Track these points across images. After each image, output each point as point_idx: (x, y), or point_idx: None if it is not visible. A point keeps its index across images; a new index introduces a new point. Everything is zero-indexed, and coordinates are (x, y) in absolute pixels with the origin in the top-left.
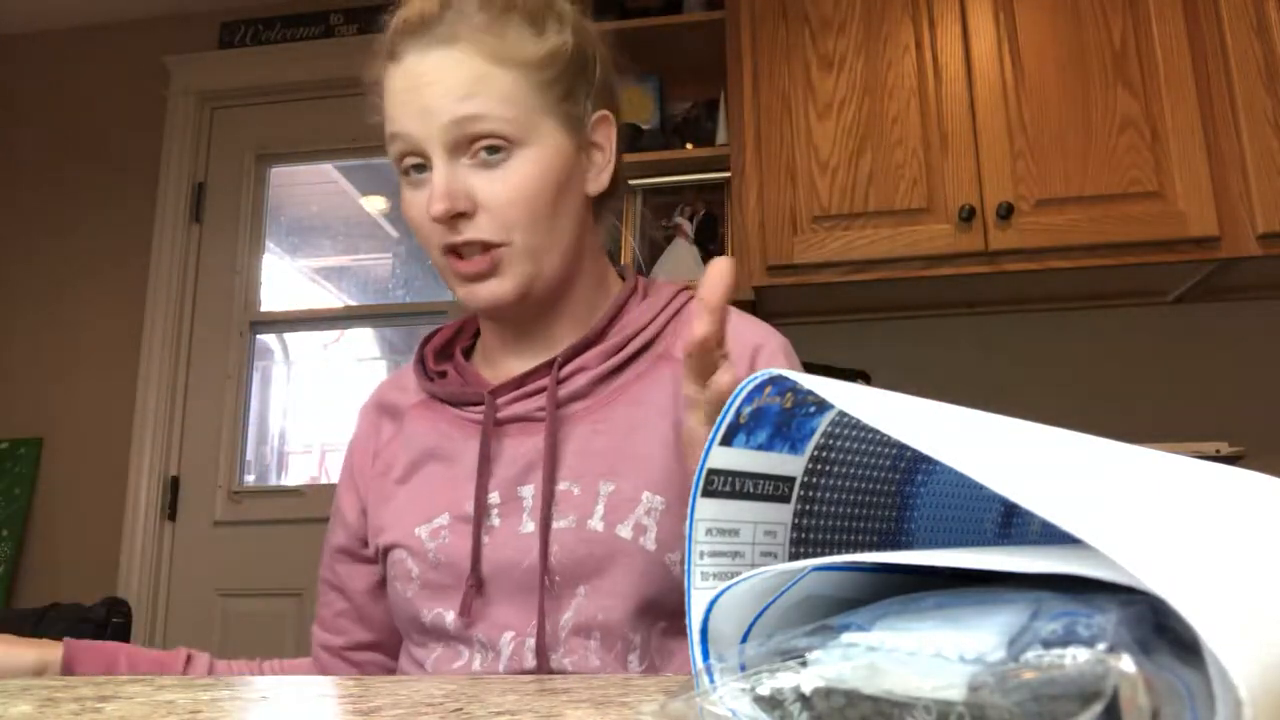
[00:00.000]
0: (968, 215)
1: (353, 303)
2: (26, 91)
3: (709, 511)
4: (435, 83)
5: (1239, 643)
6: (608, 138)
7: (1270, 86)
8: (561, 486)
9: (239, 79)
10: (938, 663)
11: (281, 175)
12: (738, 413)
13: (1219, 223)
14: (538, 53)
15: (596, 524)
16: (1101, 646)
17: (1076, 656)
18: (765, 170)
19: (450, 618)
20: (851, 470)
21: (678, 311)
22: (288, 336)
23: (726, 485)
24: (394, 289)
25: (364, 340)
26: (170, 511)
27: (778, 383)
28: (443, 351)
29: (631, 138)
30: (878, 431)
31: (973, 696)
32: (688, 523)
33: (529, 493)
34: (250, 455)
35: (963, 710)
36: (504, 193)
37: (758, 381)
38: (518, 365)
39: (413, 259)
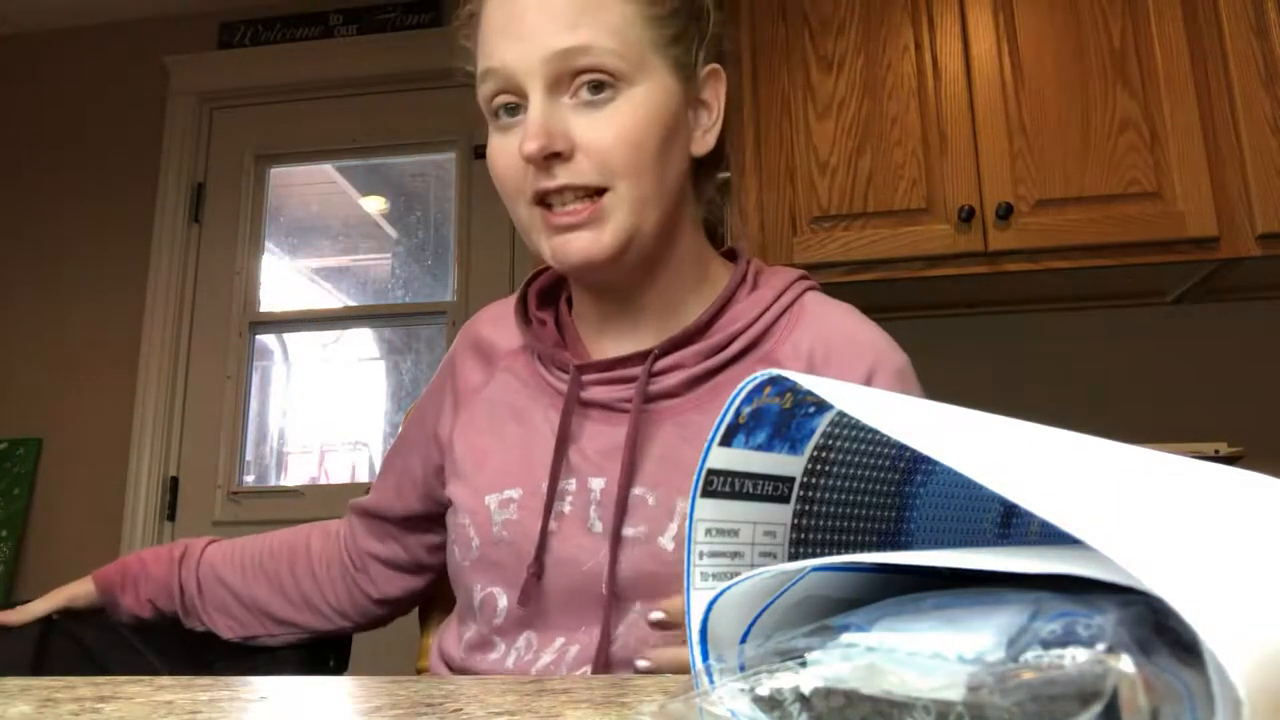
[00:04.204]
0: (967, 216)
1: (352, 303)
2: (26, 91)
3: (708, 512)
4: (537, 9)
5: (1238, 643)
6: (716, 95)
7: (1270, 87)
8: (637, 492)
9: (238, 79)
10: (937, 663)
11: (281, 175)
12: (737, 413)
13: (1218, 223)
14: None
15: (667, 542)
16: (1101, 647)
17: (1076, 657)
18: (765, 170)
19: (504, 603)
20: (851, 470)
21: (788, 307)
22: (287, 337)
23: (726, 485)
24: (393, 289)
25: (363, 340)
26: (169, 512)
27: (777, 383)
28: (550, 293)
29: None
30: (877, 432)
31: (972, 697)
32: (687, 523)
33: (599, 485)
34: (250, 456)
35: (962, 710)
36: (608, 134)
37: (757, 382)
38: (611, 345)
39: (412, 259)
